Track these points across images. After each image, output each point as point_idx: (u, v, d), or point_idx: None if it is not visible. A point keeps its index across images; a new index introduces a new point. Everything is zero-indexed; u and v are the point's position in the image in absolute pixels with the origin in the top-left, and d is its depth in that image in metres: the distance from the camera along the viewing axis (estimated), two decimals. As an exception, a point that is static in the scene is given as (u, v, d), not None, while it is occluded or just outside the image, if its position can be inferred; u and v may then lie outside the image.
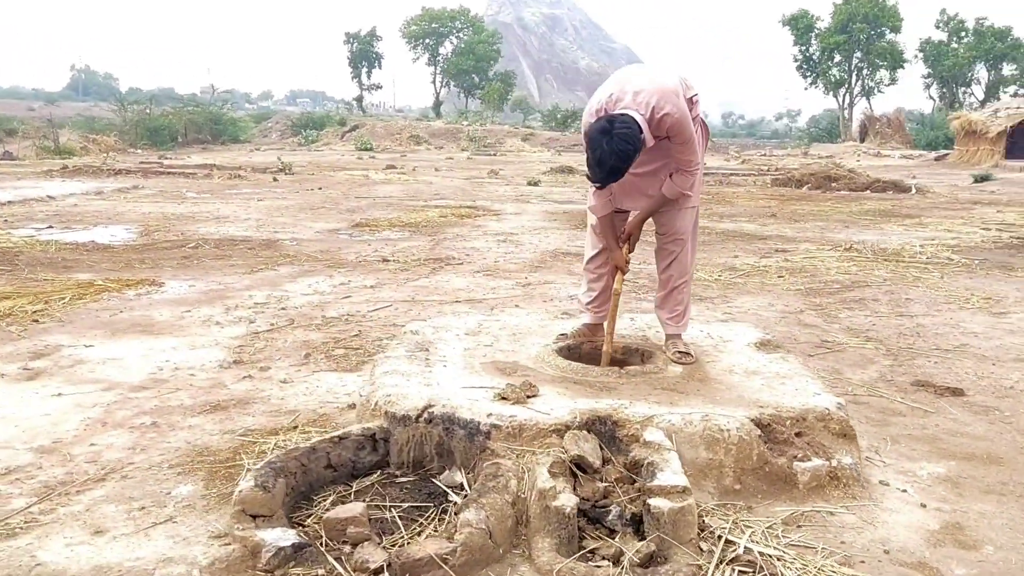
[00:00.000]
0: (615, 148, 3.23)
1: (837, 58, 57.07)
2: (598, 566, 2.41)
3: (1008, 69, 57.71)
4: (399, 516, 2.68)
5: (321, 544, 2.47)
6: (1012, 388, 4.24)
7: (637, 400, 3.14)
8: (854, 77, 57.88)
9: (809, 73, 58.80)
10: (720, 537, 2.59)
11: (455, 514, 2.54)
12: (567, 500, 2.52)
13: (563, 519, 2.49)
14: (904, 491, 3.00)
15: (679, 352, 3.72)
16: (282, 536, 2.41)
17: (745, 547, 2.54)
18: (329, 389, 4.12)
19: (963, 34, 56.85)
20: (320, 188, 17.31)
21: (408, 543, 2.51)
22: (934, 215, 13.28)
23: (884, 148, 38.38)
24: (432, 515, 2.69)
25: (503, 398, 3.11)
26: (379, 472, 2.97)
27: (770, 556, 2.50)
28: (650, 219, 3.83)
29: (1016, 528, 2.74)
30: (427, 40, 72.88)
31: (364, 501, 2.76)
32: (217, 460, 3.19)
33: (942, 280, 7.11)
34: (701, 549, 2.51)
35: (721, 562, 2.46)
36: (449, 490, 2.81)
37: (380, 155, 36.46)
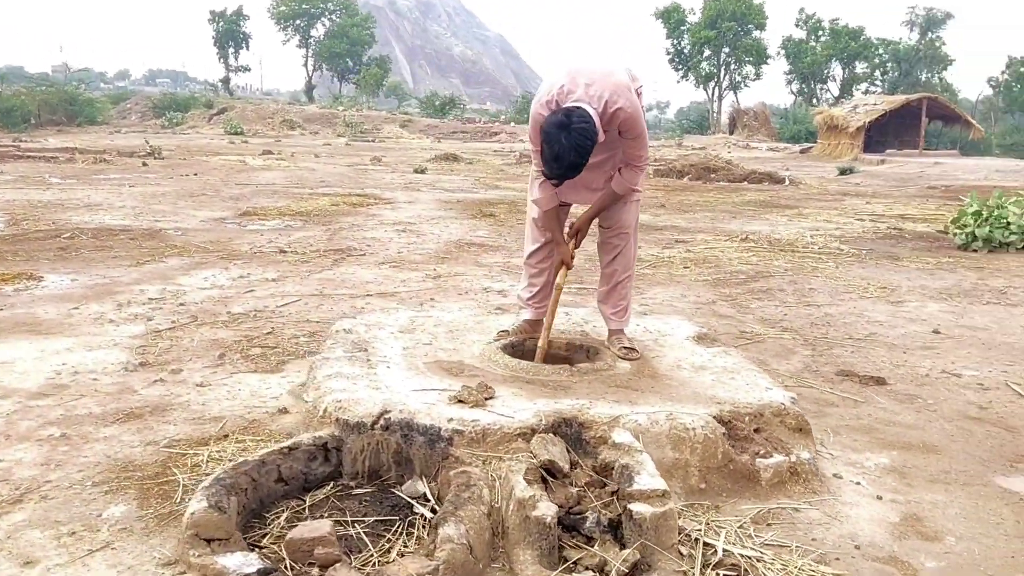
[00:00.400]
0: (574, 143, 3.14)
1: (707, 52, 58.95)
2: (584, 577, 2.32)
3: (860, 67, 61.13)
4: (364, 532, 2.50)
5: (286, 567, 2.27)
6: (927, 376, 4.40)
7: (596, 399, 3.06)
8: (722, 71, 59.96)
9: (681, 66, 60.50)
10: (696, 540, 2.54)
11: (432, 528, 2.39)
12: (547, 509, 2.41)
13: (543, 529, 2.38)
14: (858, 483, 3.04)
15: (625, 348, 3.67)
16: (244, 562, 2.19)
17: (724, 550, 2.50)
18: (253, 392, 3.86)
19: (820, 33, 59.76)
20: (195, 174, 16.52)
21: (380, 563, 2.35)
22: (811, 206, 13.86)
23: (752, 140, 39.94)
24: (399, 529, 2.52)
25: (460, 401, 2.97)
26: (332, 484, 2.78)
27: (749, 558, 2.47)
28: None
29: (969, 517, 2.81)
30: (298, 21, 70.86)
31: (322, 516, 2.57)
32: (145, 476, 2.91)
33: (838, 270, 7.39)
34: (681, 553, 2.46)
35: (705, 566, 2.41)
36: (413, 501, 2.65)
37: (253, 140, 35.20)
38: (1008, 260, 8.00)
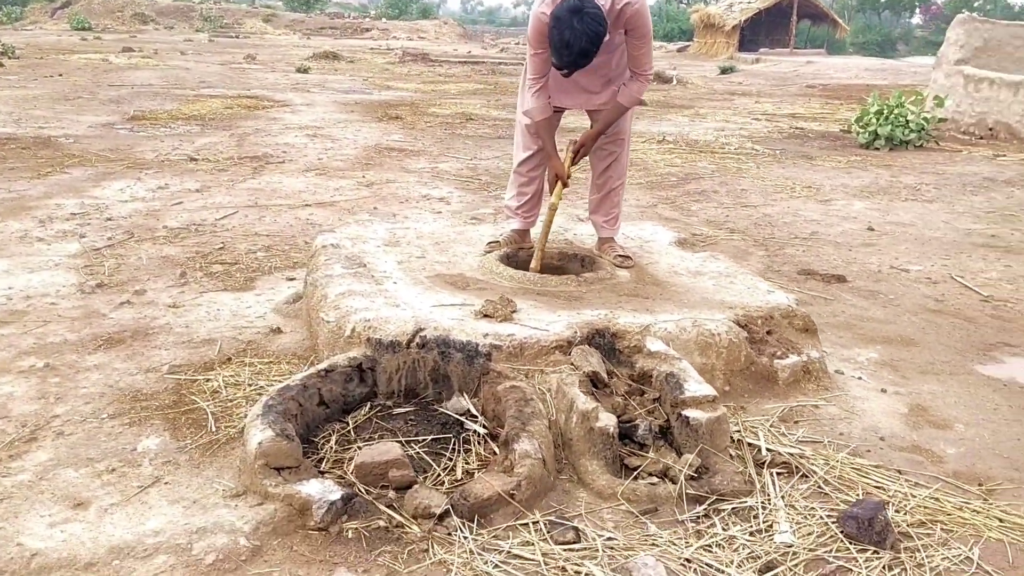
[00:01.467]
0: (587, 28, 3.04)
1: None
2: (653, 484, 2.37)
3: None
4: (422, 451, 2.47)
5: (360, 491, 2.22)
6: (880, 272, 4.65)
7: (615, 309, 3.08)
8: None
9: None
10: (740, 441, 2.64)
11: (503, 444, 2.38)
12: (608, 420, 2.43)
13: (607, 440, 2.41)
14: (860, 378, 3.21)
15: (620, 256, 3.69)
16: (327, 489, 2.13)
17: (767, 448, 2.61)
18: (234, 312, 3.68)
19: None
20: (60, 75, 15.22)
21: (451, 481, 2.33)
22: (705, 106, 14.13)
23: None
24: (454, 446, 2.50)
25: (486, 315, 2.92)
26: (369, 405, 2.71)
27: (792, 455, 2.59)
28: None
29: (968, 405, 3.02)
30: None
31: (370, 438, 2.52)
32: (164, 405, 2.76)
33: (760, 170, 7.61)
34: (731, 455, 2.55)
35: (759, 466, 2.51)
36: (461, 418, 2.63)
37: (106, 36, 32.53)
38: (910, 157, 8.44)
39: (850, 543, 2.14)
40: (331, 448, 2.47)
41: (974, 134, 10.14)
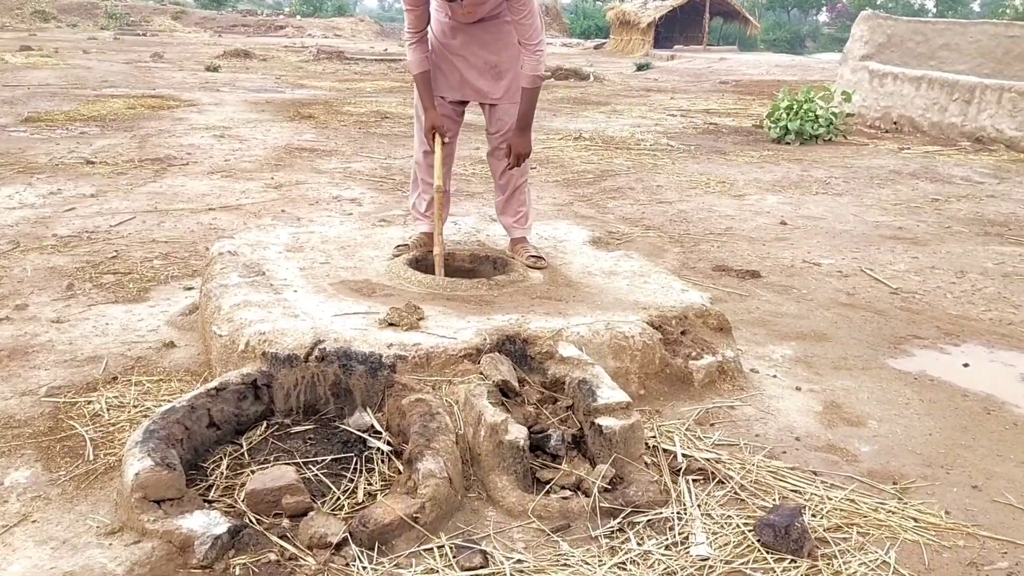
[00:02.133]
0: None
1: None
2: (566, 498, 2.27)
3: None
4: (320, 473, 2.31)
5: (251, 522, 2.06)
6: (792, 267, 4.66)
7: (527, 313, 2.97)
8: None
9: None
10: (655, 448, 2.56)
11: (407, 463, 2.24)
12: (519, 433, 2.32)
13: (517, 453, 2.30)
14: (774, 376, 3.17)
15: (532, 256, 3.58)
16: (212, 522, 1.96)
17: (683, 454, 2.54)
18: (124, 326, 3.45)
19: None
20: (-51, 74, 14.43)
21: (351, 505, 2.18)
22: (621, 102, 14.18)
23: (546, 36, 40.14)
24: (356, 466, 2.36)
25: (391, 324, 2.78)
26: (266, 423, 2.54)
27: (709, 460, 2.52)
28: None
29: (881, 401, 3.01)
30: None
31: (265, 461, 2.35)
32: (37, 432, 2.54)
33: (675, 166, 7.62)
34: (646, 463, 2.46)
35: (675, 473, 2.43)
36: (364, 435, 2.48)
37: (3, 34, 31.10)
38: (819, 151, 8.58)
39: (767, 552, 2.07)
40: (222, 474, 2.29)
41: (880, 128, 10.39)
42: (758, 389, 3.04)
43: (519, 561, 2.00)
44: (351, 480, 2.29)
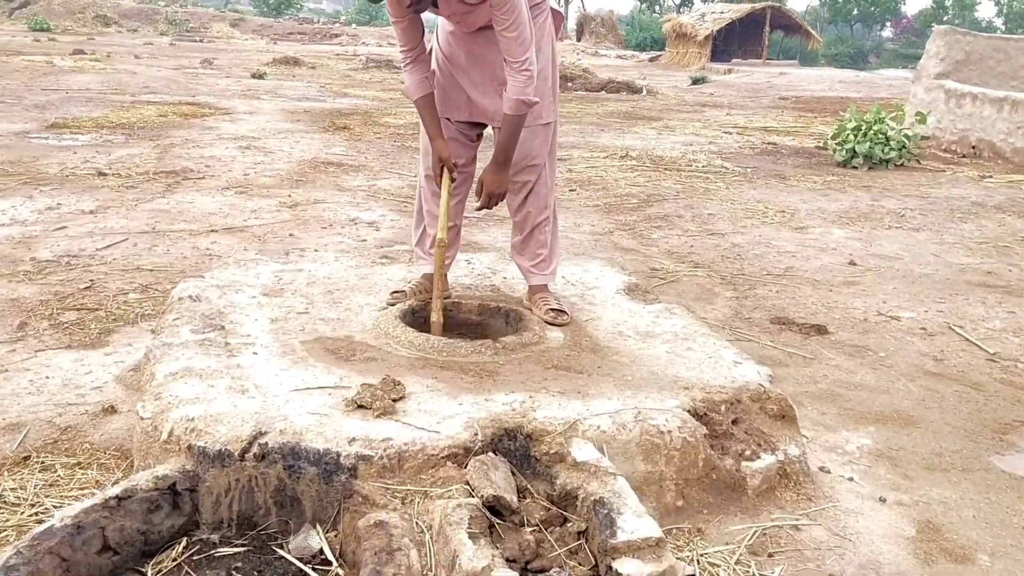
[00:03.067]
0: None
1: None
2: (567, 677, 1.65)
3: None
4: (240, 624, 1.73)
5: None
6: (866, 320, 3.97)
7: (536, 391, 2.36)
8: (568, -25, 58.88)
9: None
10: (694, 589, 1.93)
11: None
12: (506, 579, 1.71)
13: (503, 609, 1.69)
14: (851, 479, 2.51)
15: (552, 310, 2.97)
16: None
17: (731, 603, 1.90)
18: (67, 381, 2.92)
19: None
20: (-7, 76, 14.32)
21: None
22: (674, 117, 13.50)
23: (600, 47, 39.51)
24: (291, 613, 1.77)
25: (361, 407, 2.19)
26: (186, 541, 1.97)
27: (765, 612, 1.88)
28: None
29: (991, 522, 2.33)
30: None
31: (174, 599, 1.77)
32: (-99, 539, 2.00)
33: (729, 191, 6.94)
34: (681, 615, 1.83)
35: (719, 638, 1.80)
36: (305, 568, 1.89)
37: (62, 38, 31.43)
38: (891, 177, 7.81)
39: None
40: (111, 619, 1.72)
41: (956, 152, 9.56)
42: (830, 499, 2.38)
43: None
44: (280, 636, 1.71)
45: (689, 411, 2.33)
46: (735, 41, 33.22)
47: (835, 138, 8.46)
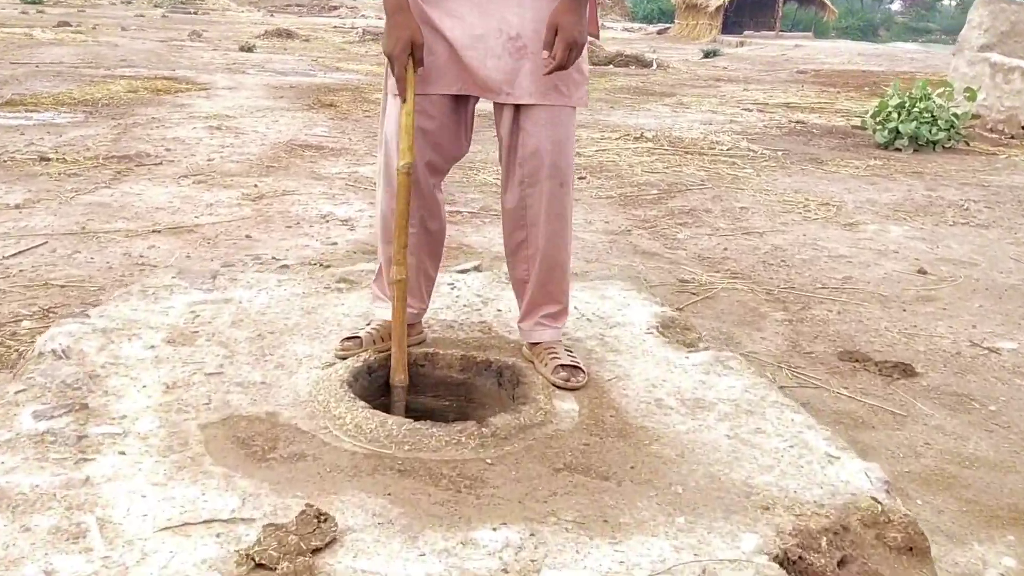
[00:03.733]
0: None
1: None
2: None
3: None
4: None
5: None
6: (958, 354, 3.14)
7: (541, 520, 1.54)
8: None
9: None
10: None
11: None
12: None
13: None
14: (1008, 639, 1.70)
15: (563, 367, 2.13)
16: None
17: None
18: None
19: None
20: (-41, 50, 13.43)
21: None
22: (688, 93, 12.58)
23: (606, 19, 38.34)
24: None
25: (262, 566, 1.38)
26: None
27: None
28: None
29: None
30: None
31: None
32: None
33: (761, 179, 6.07)
34: None
35: None
36: None
37: (52, 10, 30.28)
38: (940, 162, 6.93)
39: None
40: None
41: (1003, 132, 8.66)
42: None
43: None
44: None
45: (777, 558, 1.51)
46: (747, 12, 32.06)
47: (875, 116, 7.57)
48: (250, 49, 16.86)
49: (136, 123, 7.47)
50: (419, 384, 2.14)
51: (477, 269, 3.30)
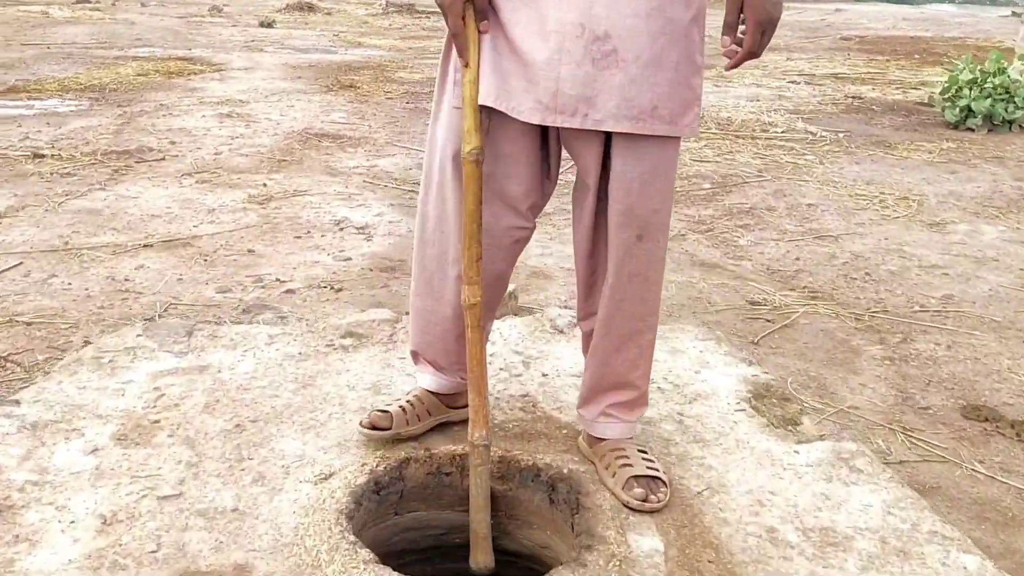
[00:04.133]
0: None
1: None
2: None
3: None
4: None
5: None
6: (1108, 408, 2.55)
7: None
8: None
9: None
10: None
11: None
12: None
13: None
14: None
15: (636, 479, 1.58)
16: None
17: None
18: None
19: None
20: (-28, 31, 13.01)
21: None
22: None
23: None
24: None
25: None
26: None
27: None
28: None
29: None
30: None
31: None
32: None
33: (825, 168, 5.44)
34: None
35: None
36: None
37: (74, -14, 30.03)
38: (1020, 143, 6.25)
39: None
40: None
41: (1080, 106, 7.91)
42: None
43: None
44: None
45: None
46: (782, -24, 30.91)
47: (944, 92, 6.87)
48: (270, 24, 16.29)
49: (143, 111, 6.96)
50: (444, 497, 1.61)
51: (513, 297, 2.75)
